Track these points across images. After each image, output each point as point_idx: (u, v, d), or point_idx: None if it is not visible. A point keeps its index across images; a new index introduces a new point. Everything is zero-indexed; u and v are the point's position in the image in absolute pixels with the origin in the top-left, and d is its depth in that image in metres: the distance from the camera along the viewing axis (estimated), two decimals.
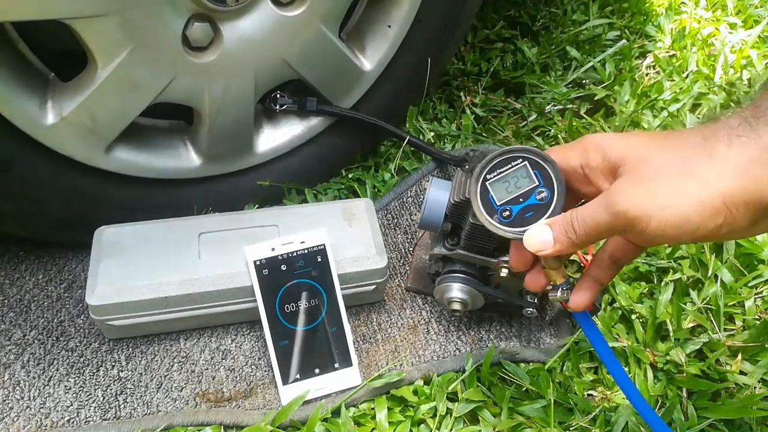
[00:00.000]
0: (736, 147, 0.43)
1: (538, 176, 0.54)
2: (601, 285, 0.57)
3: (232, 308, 0.75)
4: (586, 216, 0.49)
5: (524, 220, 0.54)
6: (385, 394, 0.73)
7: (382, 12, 0.85)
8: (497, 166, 0.55)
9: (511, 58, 1.21)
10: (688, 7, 1.36)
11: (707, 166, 0.44)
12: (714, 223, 0.44)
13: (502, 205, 0.55)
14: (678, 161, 0.46)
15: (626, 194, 0.46)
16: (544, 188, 0.54)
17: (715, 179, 0.44)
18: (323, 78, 0.84)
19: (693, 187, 0.44)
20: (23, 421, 0.69)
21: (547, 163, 0.54)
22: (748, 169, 0.43)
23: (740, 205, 0.43)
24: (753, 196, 0.43)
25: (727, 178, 0.43)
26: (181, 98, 0.75)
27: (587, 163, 0.52)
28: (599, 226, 0.48)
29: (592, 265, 0.58)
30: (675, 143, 0.47)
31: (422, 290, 0.84)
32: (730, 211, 0.43)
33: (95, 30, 0.64)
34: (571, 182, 0.54)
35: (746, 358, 0.73)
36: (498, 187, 0.55)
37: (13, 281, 0.83)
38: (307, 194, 0.94)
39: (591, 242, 0.50)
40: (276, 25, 0.74)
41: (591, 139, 0.52)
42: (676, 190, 0.45)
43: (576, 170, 0.53)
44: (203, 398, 0.72)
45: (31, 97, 0.68)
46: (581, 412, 0.70)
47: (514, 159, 0.55)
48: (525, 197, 0.54)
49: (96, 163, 0.75)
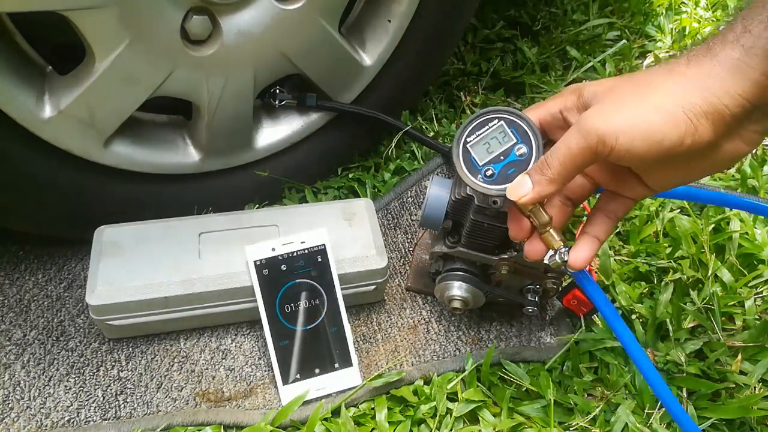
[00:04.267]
0: (693, 65, 0.47)
1: (515, 133, 0.56)
2: (599, 242, 0.58)
3: (232, 308, 0.75)
4: (559, 145, 0.51)
5: (507, 177, 0.55)
6: (385, 394, 0.73)
7: (382, 7, 0.85)
8: (475, 129, 0.57)
9: (511, 58, 1.21)
10: (688, 7, 1.36)
11: (668, 81, 0.47)
12: (677, 132, 0.46)
13: (484, 165, 0.56)
14: (641, 83, 0.49)
15: (595, 115, 0.49)
16: (522, 144, 0.55)
17: (675, 91, 0.47)
18: (323, 73, 0.84)
19: (655, 98, 0.47)
20: (23, 422, 0.69)
21: (521, 119, 0.56)
22: (704, 82, 0.46)
23: (700, 115, 0.46)
24: (711, 107, 0.45)
25: (686, 90, 0.46)
26: (179, 92, 0.75)
27: (564, 105, 0.55)
28: (572, 151, 0.49)
29: (587, 223, 0.59)
30: (639, 73, 0.51)
31: (422, 290, 0.84)
32: (690, 121, 0.46)
33: (93, 22, 0.64)
34: (552, 132, 0.57)
35: (746, 358, 0.73)
36: (478, 149, 0.56)
37: (13, 281, 0.83)
38: (307, 194, 0.94)
39: (567, 175, 0.51)
40: (275, 18, 0.74)
41: (569, 87, 0.56)
42: (640, 105, 0.48)
43: (555, 117, 0.56)
44: (203, 398, 0.72)
45: (28, 90, 0.68)
46: (581, 412, 0.70)
47: (490, 120, 0.56)
48: (505, 155, 0.56)
49: (94, 158, 0.75)
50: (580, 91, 0.53)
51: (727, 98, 0.45)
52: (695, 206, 0.92)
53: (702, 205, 0.92)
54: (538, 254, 0.58)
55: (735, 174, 0.97)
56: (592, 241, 0.57)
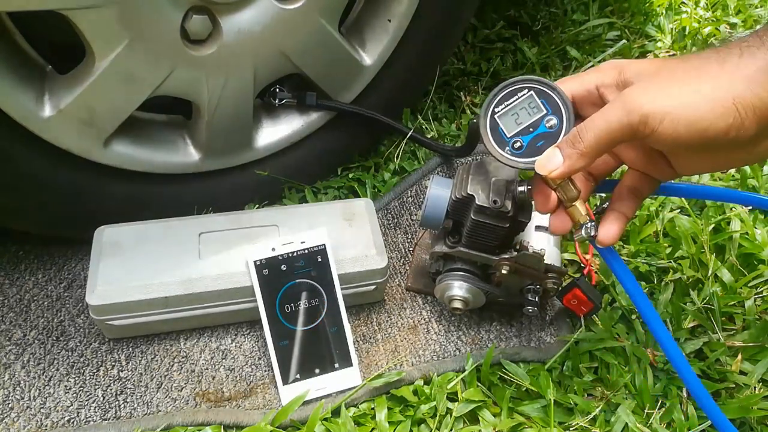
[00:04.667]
0: (746, 56, 0.46)
1: (545, 104, 0.54)
2: (626, 218, 0.57)
3: (232, 308, 0.75)
4: (596, 118, 0.49)
5: (536, 150, 0.53)
6: (385, 394, 0.73)
7: (382, 6, 0.85)
8: (504, 99, 0.55)
9: (511, 58, 1.21)
10: (688, 7, 1.36)
11: (719, 71, 0.46)
12: (724, 122, 0.45)
13: (513, 137, 0.54)
14: (691, 69, 0.48)
15: (641, 93, 0.47)
16: (553, 115, 0.53)
17: (726, 81, 0.45)
18: (323, 72, 0.84)
19: (706, 86, 0.46)
20: (23, 422, 0.69)
21: (552, 90, 0.54)
22: (756, 76, 0.45)
23: (749, 108, 0.45)
24: (761, 102, 0.45)
25: (738, 82, 0.45)
26: (179, 92, 0.75)
27: (602, 81, 0.53)
28: (611, 126, 0.48)
29: (614, 200, 0.58)
30: (688, 57, 0.50)
31: (422, 290, 0.84)
32: (739, 113, 0.45)
33: (93, 21, 0.64)
34: (584, 107, 0.55)
35: (746, 358, 0.73)
36: (507, 120, 0.54)
37: (13, 281, 0.83)
38: (307, 194, 0.94)
39: (600, 150, 0.49)
40: (275, 18, 0.74)
41: (608, 62, 0.54)
42: (689, 90, 0.46)
43: (591, 92, 0.53)
44: (203, 398, 0.72)
45: (27, 89, 0.68)
46: (581, 412, 0.70)
47: (519, 90, 0.54)
48: (534, 127, 0.54)
49: (94, 157, 0.75)
50: (622, 68, 0.52)
51: None
52: (695, 206, 0.92)
53: (702, 205, 0.92)
54: (563, 228, 0.57)
55: (735, 174, 0.97)
56: (619, 217, 0.56)
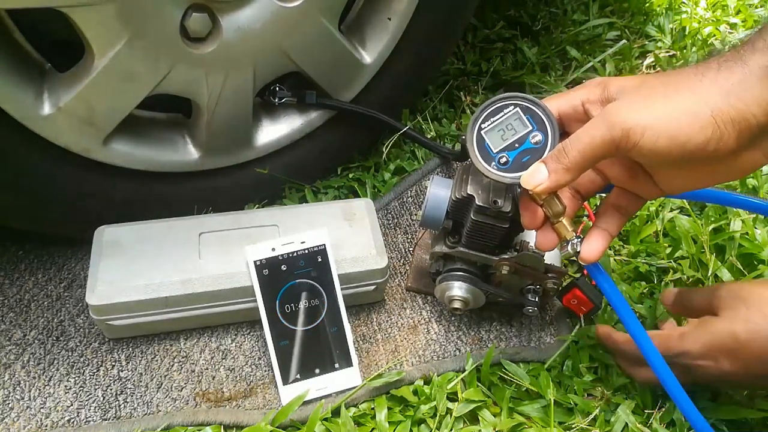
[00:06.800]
0: (724, 71, 0.47)
1: (530, 120, 0.55)
2: (611, 236, 0.57)
3: (232, 308, 0.75)
4: (580, 134, 0.50)
5: (522, 165, 0.54)
6: (385, 394, 0.73)
7: (382, 5, 0.85)
8: (490, 115, 0.56)
9: (511, 58, 1.21)
10: (688, 7, 1.36)
11: (698, 85, 0.47)
12: (704, 135, 0.46)
13: (499, 152, 0.55)
14: (671, 83, 0.49)
15: (622, 108, 0.49)
16: (538, 131, 0.55)
17: (704, 95, 0.47)
18: (322, 71, 0.84)
19: (685, 100, 0.47)
20: (23, 422, 0.69)
21: (537, 106, 0.55)
22: (734, 89, 0.46)
23: (728, 122, 0.46)
24: (739, 115, 0.45)
25: (715, 95, 0.46)
26: (179, 90, 0.75)
27: (588, 98, 0.54)
28: (594, 141, 0.49)
29: (599, 217, 0.58)
30: (669, 73, 0.51)
31: (422, 290, 0.84)
32: (718, 126, 0.46)
33: (92, 19, 0.64)
34: (569, 124, 0.56)
35: None
36: (493, 135, 0.56)
37: (13, 281, 0.83)
38: (307, 193, 0.94)
39: (584, 165, 0.51)
40: (275, 16, 0.74)
41: (594, 79, 0.55)
42: (669, 104, 0.47)
43: (577, 109, 0.55)
44: (203, 398, 0.72)
45: (26, 87, 0.68)
46: (581, 412, 0.70)
47: (505, 106, 0.56)
48: (520, 142, 0.55)
49: (93, 156, 0.75)
50: (606, 85, 0.53)
51: (756, 107, 0.45)
52: (695, 206, 0.92)
53: (702, 205, 0.92)
54: (550, 244, 0.57)
55: None
56: (603, 234, 0.57)
